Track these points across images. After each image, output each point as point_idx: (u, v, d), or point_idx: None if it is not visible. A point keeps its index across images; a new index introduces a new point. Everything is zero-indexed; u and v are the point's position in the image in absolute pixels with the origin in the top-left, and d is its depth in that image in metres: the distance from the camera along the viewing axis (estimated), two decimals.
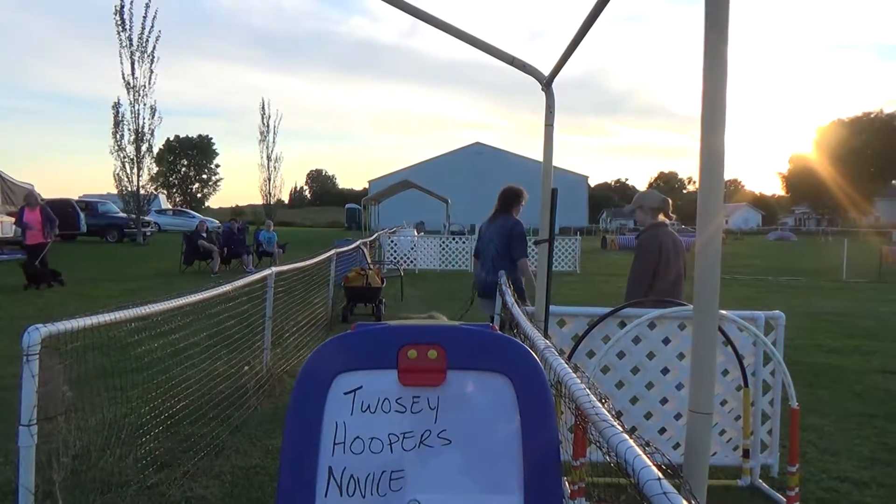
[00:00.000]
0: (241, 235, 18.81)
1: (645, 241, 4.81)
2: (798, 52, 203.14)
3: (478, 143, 72.52)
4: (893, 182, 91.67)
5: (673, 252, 4.68)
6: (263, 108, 51.91)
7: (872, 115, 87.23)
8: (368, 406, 1.93)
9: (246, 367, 5.95)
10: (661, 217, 4.85)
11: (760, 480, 4.10)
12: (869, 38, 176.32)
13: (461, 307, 7.02)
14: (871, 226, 69.99)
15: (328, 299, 10.35)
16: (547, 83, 3.63)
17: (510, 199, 6.16)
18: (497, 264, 5.80)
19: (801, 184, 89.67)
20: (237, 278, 5.37)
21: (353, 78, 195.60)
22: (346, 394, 1.94)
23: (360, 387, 1.95)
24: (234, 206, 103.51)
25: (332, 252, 10.86)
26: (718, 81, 1.69)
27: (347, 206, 69.37)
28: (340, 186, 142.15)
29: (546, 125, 3.81)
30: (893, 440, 4.86)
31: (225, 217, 41.61)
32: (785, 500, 3.69)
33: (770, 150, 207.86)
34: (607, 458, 1.56)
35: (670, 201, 4.92)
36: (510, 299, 4.09)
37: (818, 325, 10.22)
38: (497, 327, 2.55)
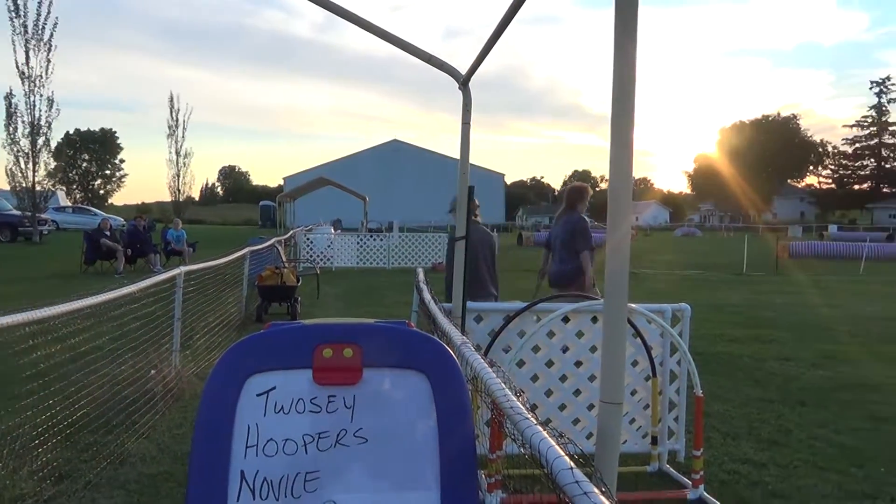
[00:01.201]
0: (147, 234, 18.04)
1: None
2: (702, 57, 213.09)
3: (395, 141, 72.37)
4: (789, 181, 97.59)
5: (479, 245, 5.55)
6: (172, 101, 49.99)
7: (770, 118, 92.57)
8: (282, 407, 1.89)
9: (153, 371, 5.71)
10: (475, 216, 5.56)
11: (668, 465, 4.27)
12: (764, 46, 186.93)
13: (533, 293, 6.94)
14: (769, 222, 74.20)
15: (241, 299, 10.08)
16: (464, 82, 3.65)
17: (575, 196, 6.52)
18: (563, 256, 6.33)
19: (706, 182, 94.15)
20: (143, 278, 5.15)
21: (267, 72, 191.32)
22: (258, 395, 1.89)
23: (274, 387, 1.90)
24: (140, 202, 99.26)
25: (246, 250, 10.59)
26: (627, 83, 1.73)
27: (262, 203, 67.79)
28: (254, 183, 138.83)
29: (463, 123, 3.83)
30: (789, 423, 5.17)
31: (130, 214, 39.77)
32: (691, 483, 3.87)
33: (678, 151, 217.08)
34: (522, 450, 1.58)
35: (476, 200, 5.29)
36: (428, 296, 4.09)
37: (721, 316, 10.76)
38: (413, 324, 2.55)
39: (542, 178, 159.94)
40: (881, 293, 15.61)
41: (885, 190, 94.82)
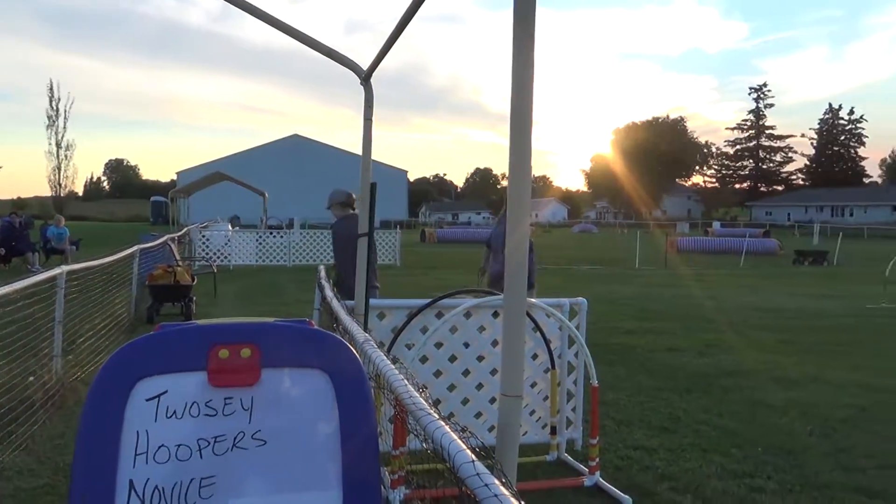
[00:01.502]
0: (23, 231, 16.83)
1: (337, 230, 5.96)
2: (597, 59, 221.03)
3: (296, 135, 70.95)
4: (677, 180, 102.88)
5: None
6: (52, 90, 47.09)
7: (660, 120, 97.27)
8: (174, 411, 1.81)
9: (31, 378, 5.33)
10: (352, 210, 5.92)
11: (566, 454, 4.41)
12: (654, 51, 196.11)
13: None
14: (659, 219, 77.94)
15: (131, 299, 9.59)
16: (366, 77, 3.61)
17: None
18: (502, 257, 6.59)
19: (602, 181, 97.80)
20: (19, 278, 4.79)
21: (158, 62, 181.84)
22: (148, 400, 1.80)
23: (165, 391, 1.81)
24: (15, 197, 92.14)
25: (136, 248, 10.07)
26: (525, 83, 1.77)
27: (153, 198, 64.75)
28: (144, 178, 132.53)
29: (365, 119, 3.80)
30: (677, 410, 5.46)
31: (5, 210, 36.95)
32: (587, 470, 4.01)
33: (576, 150, 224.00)
34: (425, 445, 1.59)
35: (353, 194, 5.93)
36: (330, 293, 4.04)
37: (616, 309, 11.22)
38: (315, 323, 2.50)
39: (444, 174, 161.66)
40: (758, 285, 16.76)
41: (762, 189, 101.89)
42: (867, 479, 4.03)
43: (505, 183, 1.87)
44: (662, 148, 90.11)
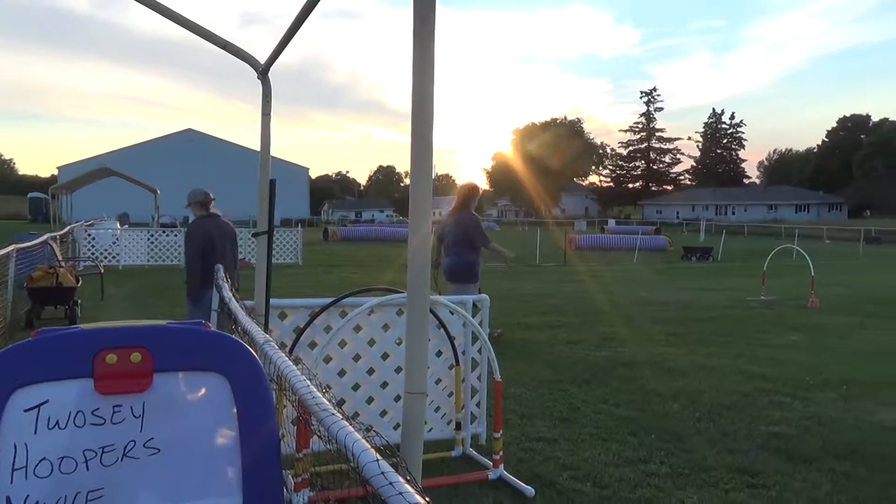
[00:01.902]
0: None
1: (192, 230, 6.01)
2: (499, 60, 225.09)
3: (189, 130, 68.20)
4: (574, 179, 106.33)
5: (218, 238, 5.86)
6: None
7: (558, 121, 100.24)
8: (57, 422, 1.69)
9: None
10: (211, 209, 6.04)
11: (471, 449, 4.47)
12: (552, 54, 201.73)
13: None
14: (558, 217, 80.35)
15: (6, 303, 8.92)
16: (263, 71, 3.51)
17: (467, 196, 7.57)
18: (458, 251, 7.22)
19: (503, 179, 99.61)
20: None
21: (37, 49, 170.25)
22: (27, 411, 1.67)
23: (46, 401, 1.69)
24: None
25: (11, 248, 9.38)
26: (427, 82, 1.76)
27: (31, 195, 60.52)
28: (21, 172, 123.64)
29: (263, 114, 3.69)
30: (576, 401, 5.64)
31: None
32: (492, 463, 4.08)
33: (478, 149, 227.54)
34: (329, 446, 1.56)
35: (211, 194, 6.13)
36: (227, 294, 3.90)
37: (518, 305, 11.46)
38: (211, 324, 2.41)
39: (347, 172, 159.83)
40: (651, 280, 17.60)
41: (653, 188, 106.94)
42: (748, 461, 4.31)
43: (408, 181, 1.86)
44: (561, 148, 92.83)
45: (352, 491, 1.48)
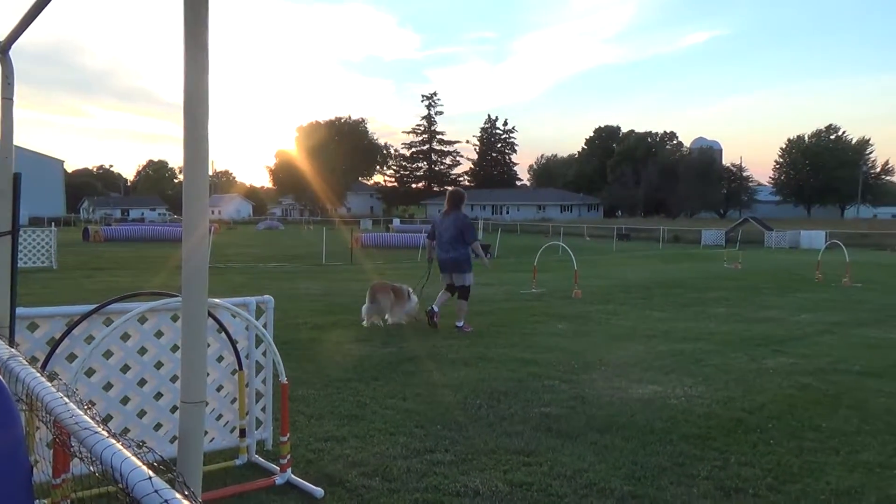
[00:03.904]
0: None
1: None
2: (283, 56, 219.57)
3: None
4: (360, 179, 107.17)
5: None
6: None
7: (342, 120, 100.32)
8: None
9: None
10: None
11: (257, 455, 4.31)
12: (338, 54, 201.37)
13: (420, 280, 10.09)
14: (344, 216, 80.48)
15: None
16: (2, 49, 3.08)
17: (458, 199, 9.24)
18: (454, 245, 9.02)
19: (287, 177, 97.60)
20: None
21: None
22: None
23: None
24: None
25: None
26: (200, 72, 1.66)
27: None
28: None
29: (4, 98, 3.23)
30: (364, 398, 5.68)
31: None
32: (279, 468, 3.96)
33: (259, 145, 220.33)
34: (93, 468, 1.41)
35: None
36: None
37: (304, 305, 11.28)
38: None
39: (111, 166, 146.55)
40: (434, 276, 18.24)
41: (435, 189, 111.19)
42: (523, 441, 4.65)
43: (182, 177, 1.74)
44: (345, 147, 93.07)
45: None
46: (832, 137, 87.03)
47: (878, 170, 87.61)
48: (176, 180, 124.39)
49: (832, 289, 15.66)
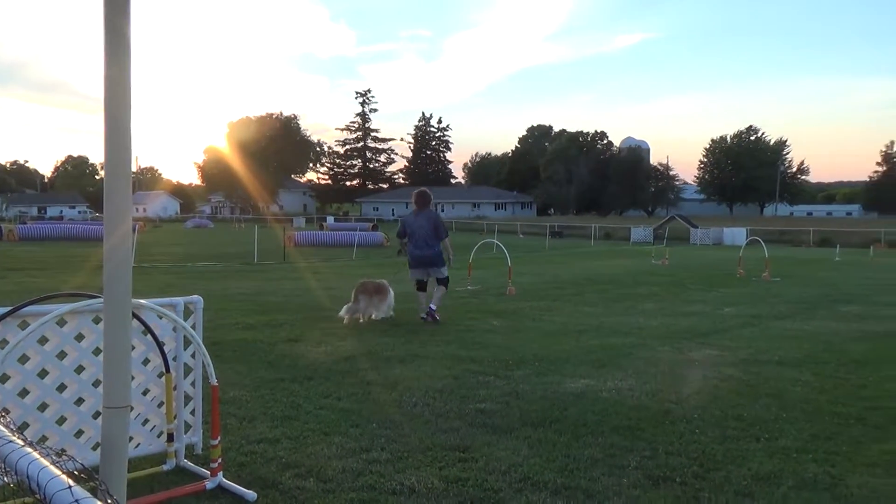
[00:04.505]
0: None
1: None
2: (212, 51, 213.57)
3: None
4: (292, 176, 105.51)
5: None
6: None
7: (274, 116, 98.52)
8: None
9: None
10: None
11: (186, 460, 4.18)
12: (271, 49, 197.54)
13: (394, 273, 10.75)
14: (276, 214, 79.08)
15: None
16: None
17: (426, 198, 9.82)
18: (429, 242, 9.58)
19: (217, 174, 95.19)
20: None
21: None
22: None
23: None
24: None
25: None
26: (122, 65, 1.60)
27: None
28: None
29: None
30: (298, 398, 5.59)
31: None
32: (209, 472, 3.86)
33: (187, 141, 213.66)
34: (7, 479, 1.34)
35: None
36: None
37: (235, 305, 11.01)
38: None
39: (26, 162, 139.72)
40: (368, 275, 18.13)
41: (370, 186, 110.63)
42: (459, 437, 4.68)
43: (103, 173, 1.67)
44: (277, 144, 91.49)
45: None
46: (752, 138, 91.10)
47: (795, 170, 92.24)
48: (97, 177, 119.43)
49: (753, 283, 16.37)
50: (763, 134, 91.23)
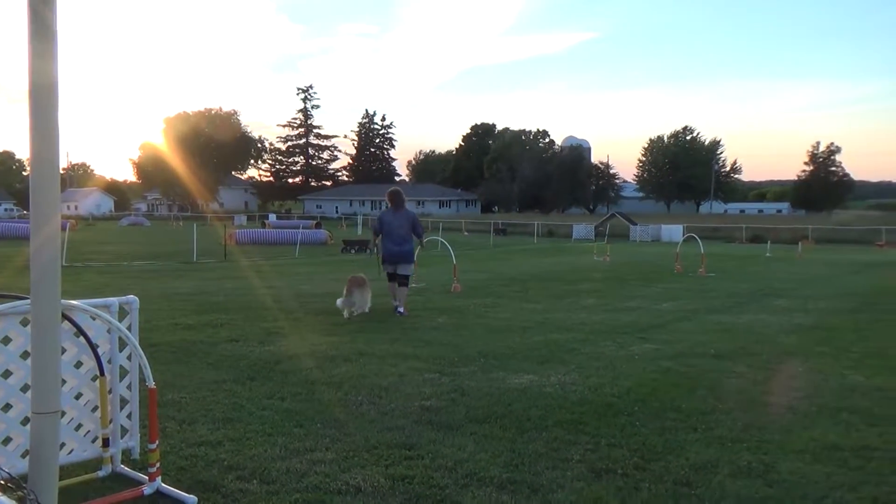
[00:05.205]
0: None
1: None
2: (147, 42, 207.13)
3: None
4: (233, 173, 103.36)
5: None
6: None
7: (213, 112, 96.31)
8: None
9: None
10: None
11: (122, 465, 4.05)
12: (202, 41, 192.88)
13: (375, 271, 10.98)
14: (217, 211, 77.31)
15: None
16: None
17: (402, 197, 10.17)
18: (405, 239, 9.97)
19: (153, 170, 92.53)
20: None
21: None
22: None
23: None
24: None
25: None
26: (47, 56, 1.53)
27: None
28: None
29: None
30: (241, 399, 5.48)
31: None
32: (147, 477, 3.75)
33: (122, 137, 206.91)
34: None
35: None
36: None
37: (173, 304, 10.72)
38: None
39: None
40: (312, 273, 17.96)
41: (313, 183, 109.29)
42: (405, 435, 4.67)
43: (30, 170, 1.59)
44: (217, 140, 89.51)
45: None
46: (688, 138, 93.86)
47: (728, 169, 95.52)
48: (24, 173, 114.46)
49: (689, 279, 16.87)
50: (698, 134, 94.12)
